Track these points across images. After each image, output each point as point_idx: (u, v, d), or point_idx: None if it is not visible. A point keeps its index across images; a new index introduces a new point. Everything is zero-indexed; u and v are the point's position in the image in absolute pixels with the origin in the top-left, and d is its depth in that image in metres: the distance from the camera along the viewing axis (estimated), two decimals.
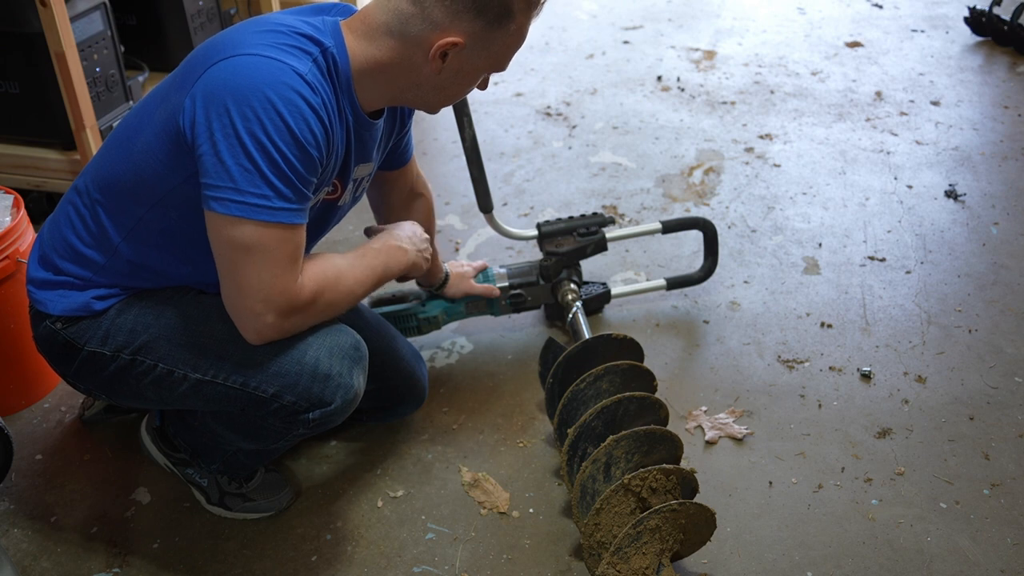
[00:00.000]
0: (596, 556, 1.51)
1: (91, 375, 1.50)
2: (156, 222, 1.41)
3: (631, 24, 3.99)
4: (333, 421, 1.48)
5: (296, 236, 1.34)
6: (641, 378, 1.74)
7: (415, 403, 1.87)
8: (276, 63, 1.29)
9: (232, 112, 1.26)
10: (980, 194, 2.69)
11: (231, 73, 1.28)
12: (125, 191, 1.41)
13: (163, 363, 1.45)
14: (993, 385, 1.99)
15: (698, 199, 2.70)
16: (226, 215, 1.28)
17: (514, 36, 1.40)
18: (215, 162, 1.27)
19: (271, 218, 1.29)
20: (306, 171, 1.31)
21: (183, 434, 1.68)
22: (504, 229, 2.17)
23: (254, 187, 1.27)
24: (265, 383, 1.42)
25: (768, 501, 1.73)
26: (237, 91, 1.26)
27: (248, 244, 1.29)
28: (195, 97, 1.29)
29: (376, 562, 1.62)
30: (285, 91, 1.27)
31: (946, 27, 3.87)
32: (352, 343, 1.48)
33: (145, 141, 1.37)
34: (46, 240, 1.51)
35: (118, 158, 1.42)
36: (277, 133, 1.26)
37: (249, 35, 1.34)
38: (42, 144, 2.33)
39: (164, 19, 2.66)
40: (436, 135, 3.10)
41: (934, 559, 1.61)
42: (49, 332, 1.48)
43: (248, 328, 1.37)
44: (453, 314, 2.07)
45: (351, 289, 1.47)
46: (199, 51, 1.38)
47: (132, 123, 1.44)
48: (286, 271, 1.33)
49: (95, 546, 1.65)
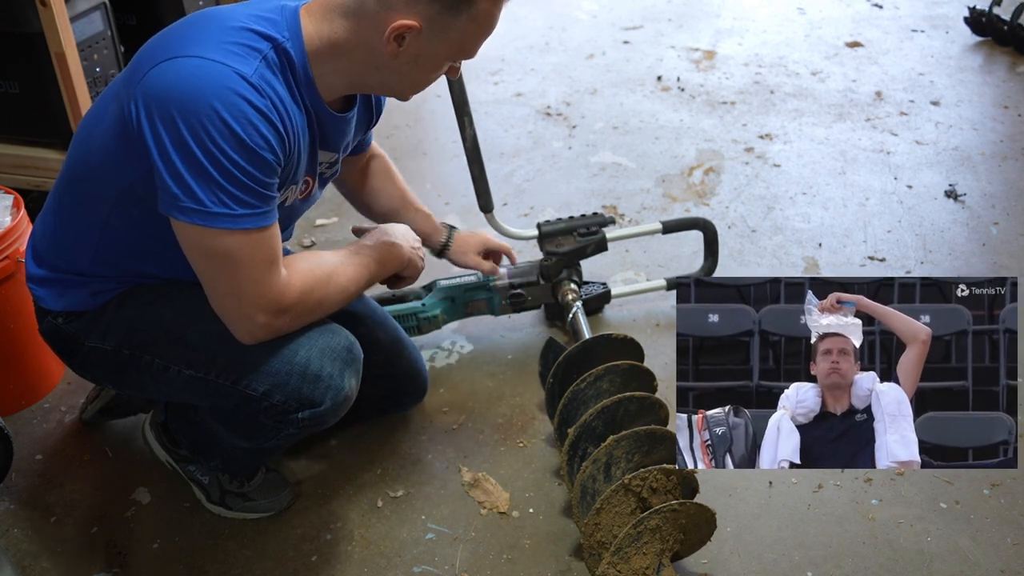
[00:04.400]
0: (596, 556, 1.51)
1: (95, 368, 1.51)
2: (122, 220, 1.39)
3: (631, 24, 3.99)
4: (324, 422, 1.47)
5: (268, 237, 1.32)
6: (641, 378, 1.74)
7: (417, 395, 1.87)
8: (220, 67, 1.25)
9: (179, 123, 1.23)
10: (980, 194, 2.69)
11: (172, 78, 1.25)
12: (87, 189, 1.39)
13: (159, 359, 1.45)
14: None
15: (698, 199, 2.70)
16: (191, 224, 1.27)
17: (477, 23, 1.34)
18: (171, 174, 1.25)
19: (235, 225, 1.27)
20: (263, 175, 1.28)
21: (184, 430, 1.68)
22: (504, 229, 2.17)
23: (213, 197, 1.25)
24: (255, 381, 1.42)
25: (768, 501, 1.73)
26: (181, 101, 1.23)
27: (220, 252, 1.29)
28: (140, 102, 1.26)
29: (376, 562, 1.62)
30: (230, 97, 1.24)
31: (946, 27, 3.87)
32: (345, 344, 1.47)
33: (100, 137, 1.34)
34: (37, 237, 1.50)
35: (79, 155, 1.40)
36: (225, 142, 1.24)
37: (195, 33, 1.30)
38: (42, 144, 2.33)
39: (164, 19, 2.66)
40: (436, 135, 3.10)
41: (934, 559, 1.61)
42: (52, 327, 1.49)
43: (240, 331, 1.37)
44: (453, 314, 2.07)
45: (344, 286, 1.46)
46: (148, 46, 1.34)
47: (90, 119, 1.41)
48: (266, 272, 1.33)
49: (95, 546, 1.65)
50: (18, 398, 1.93)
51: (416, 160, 2.94)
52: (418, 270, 1.68)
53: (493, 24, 1.37)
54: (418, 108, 3.26)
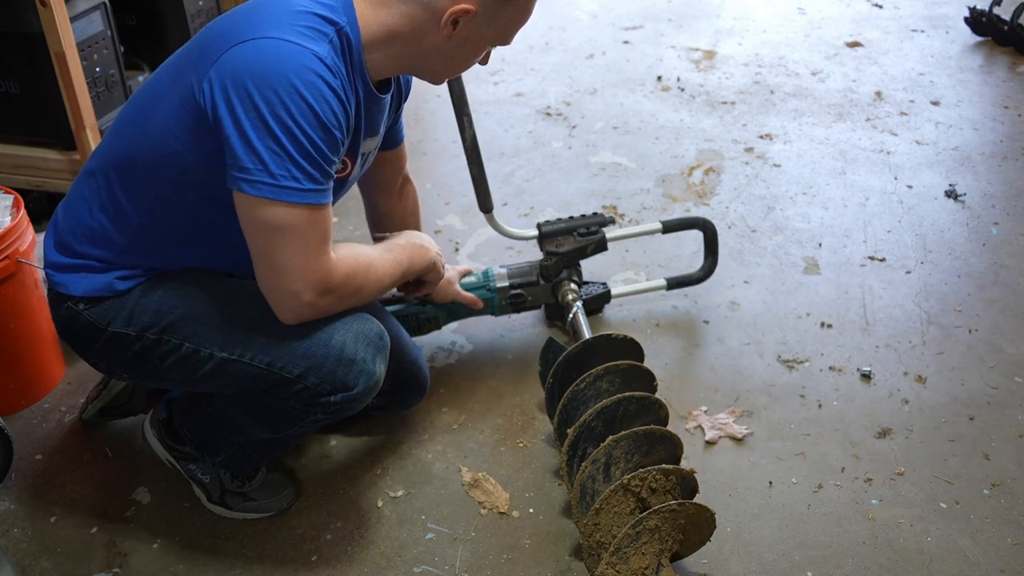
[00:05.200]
0: (596, 556, 1.51)
1: (113, 355, 1.51)
2: (174, 201, 1.43)
3: (631, 24, 3.99)
4: (353, 407, 1.50)
5: (326, 215, 1.37)
6: (641, 378, 1.74)
7: (418, 393, 1.88)
8: (296, 47, 1.30)
9: (256, 97, 1.28)
10: (980, 194, 2.69)
11: (252, 57, 1.29)
12: (142, 170, 1.42)
13: (189, 342, 1.46)
14: (993, 385, 1.99)
15: (698, 199, 2.70)
16: (258, 197, 1.30)
17: (522, 10, 1.44)
18: (243, 145, 1.29)
19: (302, 199, 1.32)
20: (331, 152, 1.34)
21: (191, 424, 1.68)
22: (504, 229, 2.17)
23: (284, 170, 1.30)
24: (291, 364, 1.44)
25: (768, 501, 1.73)
26: (260, 76, 1.28)
27: (281, 225, 1.32)
28: (214, 80, 1.30)
29: (376, 562, 1.62)
30: (307, 75, 1.29)
31: (946, 27, 3.87)
32: (377, 331, 1.51)
33: (162, 119, 1.38)
34: (62, 225, 1.52)
35: (133, 136, 1.43)
36: (303, 116, 1.29)
37: (265, 16, 1.35)
38: (42, 144, 2.32)
39: (164, 19, 2.66)
40: (436, 135, 3.10)
41: (934, 559, 1.61)
42: (71, 313, 1.49)
43: (284, 307, 1.40)
44: (453, 314, 2.07)
45: (380, 278, 1.52)
46: (214, 30, 1.39)
47: (145, 101, 1.45)
48: (319, 250, 1.36)
49: (95, 546, 1.65)
50: (18, 398, 1.92)
51: (416, 160, 2.94)
52: (440, 276, 1.74)
53: (531, 13, 1.46)
54: (418, 108, 3.26)
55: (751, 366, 2.06)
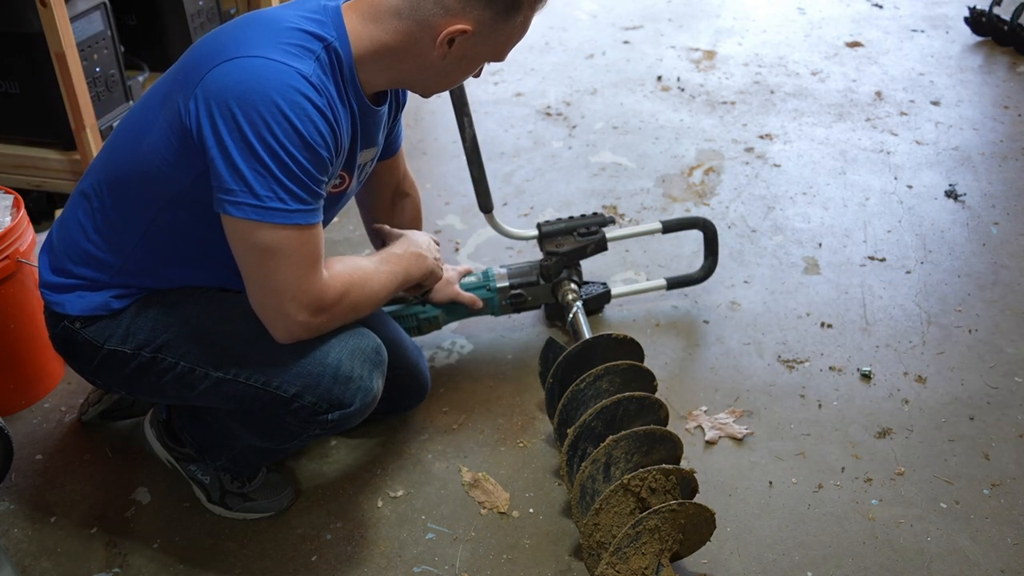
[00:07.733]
0: (595, 556, 1.51)
1: (111, 373, 1.51)
2: (168, 222, 1.42)
3: (631, 24, 3.99)
4: (350, 423, 1.49)
5: (315, 235, 1.35)
6: (641, 378, 1.74)
7: (419, 395, 1.87)
8: (280, 66, 1.28)
9: (239, 117, 1.26)
10: (980, 194, 2.69)
11: (236, 77, 1.28)
12: (135, 192, 1.41)
13: (184, 361, 1.46)
14: (993, 385, 1.99)
15: (698, 199, 2.70)
16: (244, 219, 1.29)
17: (519, 28, 1.42)
18: (228, 166, 1.28)
19: (289, 220, 1.30)
20: (317, 172, 1.32)
21: (191, 429, 1.68)
22: (504, 229, 2.17)
23: (270, 191, 1.28)
24: (287, 383, 1.43)
25: (768, 501, 1.73)
26: (243, 96, 1.26)
27: (270, 247, 1.31)
28: (199, 99, 1.29)
29: (376, 562, 1.62)
30: (291, 94, 1.27)
31: (946, 27, 3.87)
32: (374, 347, 1.50)
33: (152, 141, 1.37)
34: (57, 246, 1.50)
35: (125, 159, 1.42)
36: (287, 137, 1.27)
37: (251, 34, 1.33)
38: (42, 144, 2.32)
39: (164, 19, 2.66)
40: (436, 135, 3.10)
41: (934, 559, 1.61)
42: (68, 332, 1.49)
43: (278, 328, 1.39)
44: (453, 314, 2.07)
45: (375, 292, 1.50)
46: (200, 49, 1.37)
47: (136, 122, 1.43)
48: (310, 270, 1.35)
49: (95, 546, 1.65)
50: (18, 398, 1.93)
51: (416, 160, 2.94)
52: (437, 280, 1.72)
53: (527, 30, 1.45)
54: (418, 108, 3.26)
55: (751, 366, 2.06)
